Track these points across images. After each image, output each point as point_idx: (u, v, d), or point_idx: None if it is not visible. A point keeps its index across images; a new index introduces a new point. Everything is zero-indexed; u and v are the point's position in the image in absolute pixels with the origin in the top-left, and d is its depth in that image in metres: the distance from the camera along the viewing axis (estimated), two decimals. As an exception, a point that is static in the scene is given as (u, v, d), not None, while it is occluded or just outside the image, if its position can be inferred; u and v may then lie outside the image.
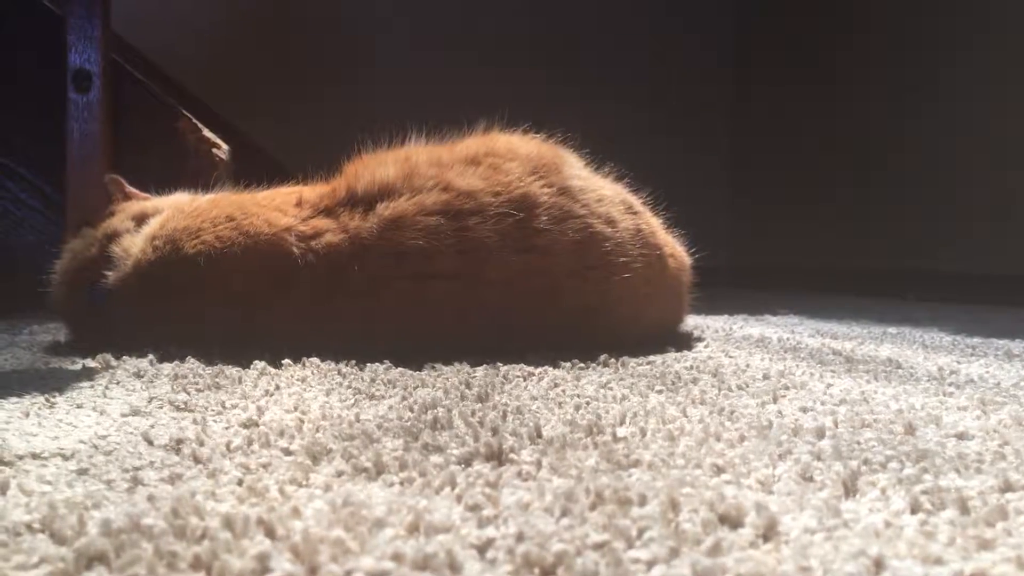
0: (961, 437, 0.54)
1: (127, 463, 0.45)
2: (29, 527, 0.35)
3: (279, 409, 0.61)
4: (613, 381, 0.74)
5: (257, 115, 2.60)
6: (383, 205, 0.89)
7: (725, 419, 0.58)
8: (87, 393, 0.67)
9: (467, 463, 0.46)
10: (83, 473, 0.43)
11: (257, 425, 0.56)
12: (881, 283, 2.48)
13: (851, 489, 0.41)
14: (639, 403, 0.64)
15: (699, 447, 0.49)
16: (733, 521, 0.36)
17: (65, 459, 0.47)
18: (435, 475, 0.43)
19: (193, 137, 1.46)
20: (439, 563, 0.31)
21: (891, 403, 0.65)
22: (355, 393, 0.68)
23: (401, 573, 0.30)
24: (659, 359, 0.90)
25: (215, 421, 0.57)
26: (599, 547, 0.33)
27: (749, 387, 0.72)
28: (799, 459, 0.46)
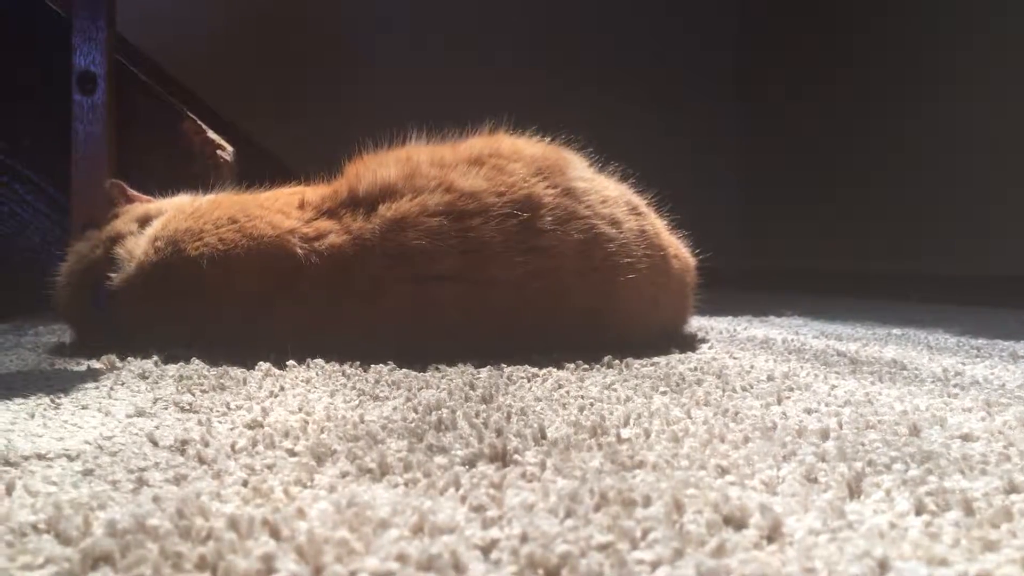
0: (966, 438, 0.53)
1: (132, 464, 0.45)
2: (35, 528, 0.35)
3: (284, 410, 0.61)
4: (617, 382, 0.74)
5: (261, 116, 2.61)
6: (385, 206, 0.89)
7: (729, 420, 0.58)
8: (92, 394, 0.67)
9: (471, 464, 0.46)
10: (88, 474, 0.44)
11: (262, 426, 0.56)
12: (886, 284, 2.47)
13: (855, 490, 0.41)
14: (643, 404, 0.64)
15: (703, 448, 0.49)
16: (737, 522, 0.36)
17: (70, 460, 0.47)
18: (439, 476, 0.43)
19: (197, 139, 1.46)
20: (443, 564, 0.31)
21: (896, 404, 0.65)
22: (359, 394, 0.68)
23: (406, 574, 0.30)
24: (663, 360, 0.90)
25: (220, 422, 0.58)
26: (603, 548, 0.33)
27: (753, 388, 0.72)
28: (803, 460, 0.46)
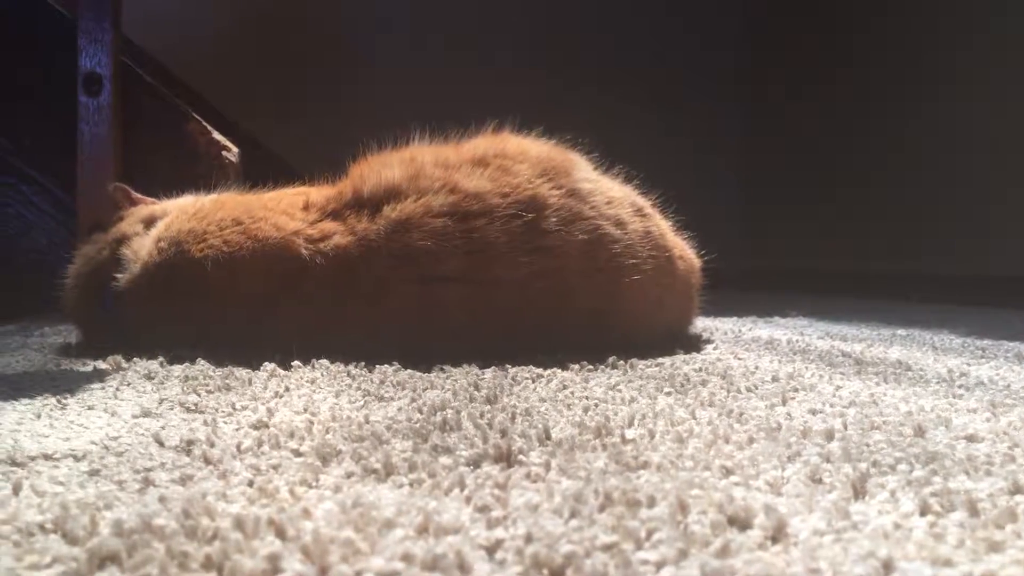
0: (971, 439, 0.53)
1: (138, 464, 0.46)
2: (42, 527, 0.36)
3: (289, 411, 0.61)
4: (622, 383, 0.74)
5: (266, 116, 2.61)
6: (390, 207, 0.89)
7: (734, 421, 0.58)
8: (98, 395, 0.67)
9: (476, 465, 0.46)
10: (95, 474, 0.44)
11: (267, 426, 0.56)
12: (890, 285, 2.47)
13: (860, 491, 0.41)
14: (648, 405, 0.64)
15: (708, 449, 0.49)
16: (742, 523, 0.36)
17: (77, 460, 0.47)
18: (444, 476, 0.43)
19: (203, 139, 1.46)
20: (448, 564, 0.31)
21: (901, 405, 0.65)
22: (364, 395, 0.68)
23: (411, 574, 0.30)
24: (668, 361, 0.90)
25: (225, 423, 0.58)
26: (608, 548, 0.33)
27: (758, 389, 0.72)
28: (808, 461, 0.46)
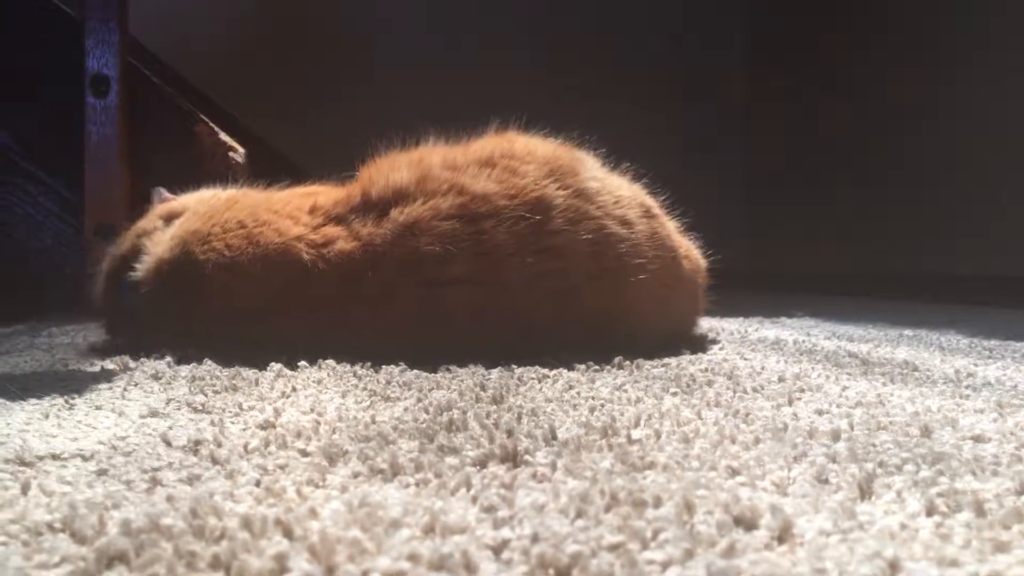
0: (978, 440, 0.53)
1: (146, 464, 0.46)
2: (50, 527, 0.36)
3: (295, 411, 0.61)
4: (628, 383, 0.74)
5: (273, 118, 2.62)
6: (397, 210, 0.88)
7: (740, 421, 0.58)
8: (106, 395, 0.68)
9: (482, 465, 0.46)
10: (103, 474, 0.44)
11: (274, 427, 0.56)
12: (896, 285, 2.47)
13: (866, 491, 0.41)
14: (654, 405, 0.64)
15: (714, 449, 0.49)
16: (748, 523, 0.36)
17: (85, 460, 0.47)
18: (450, 476, 0.43)
19: (210, 140, 1.47)
20: (455, 563, 0.31)
21: (907, 406, 0.65)
22: (371, 395, 0.68)
23: (417, 573, 0.30)
24: (674, 361, 0.90)
25: (232, 423, 0.58)
26: (614, 548, 0.33)
27: (764, 389, 0.72)
28: (814, 461, 0.46)
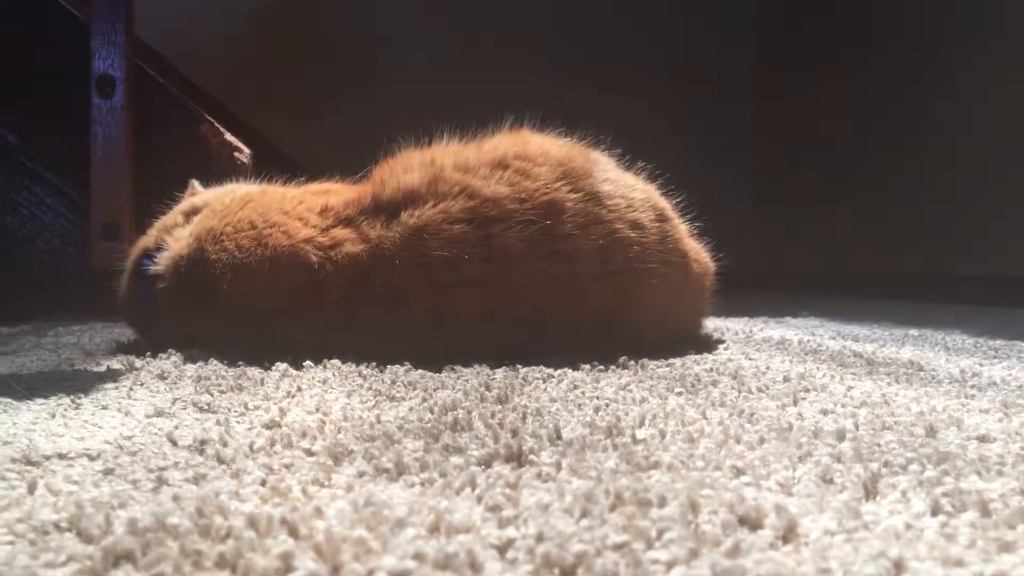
0: (983, 440, 0.53)
1: (152, 463, 0.46)
2: (57, 526, 0.36)
3: (301, 410, 0.62)
4: (633, 383, 0.74)
5: (278, 118, 2.62)
6: (407, 213, 0.88)
7: (745, 421, 0.58)
8: (112, 394, 0.68)
9: (487, 464, 0.46)
10: (109, 473, 0.44)
11: (279, 426, 0.56)
12: (902, 285, 2.46)
13: (871, 491, 0.41)
14: (659, 405, 0.64)
15: (719, 449, 0.49)
16: (753, 523, 0.36)
17: (91, 459, 0.47)
18: (455, 476, 0.43)
19: (215, 141, 1.47)
20: (460, 563, 0.31)
21: (912, 405, 0.65)
22: (376, 395, 0.68)
23: (422, 572, 0.31)
24: (679, 361, 0.90)
25: (238, 422, 0.58)
26: (619, 548, 0.33)
27: (769, 389, 0.72)
28: (819, 461, 0.46)
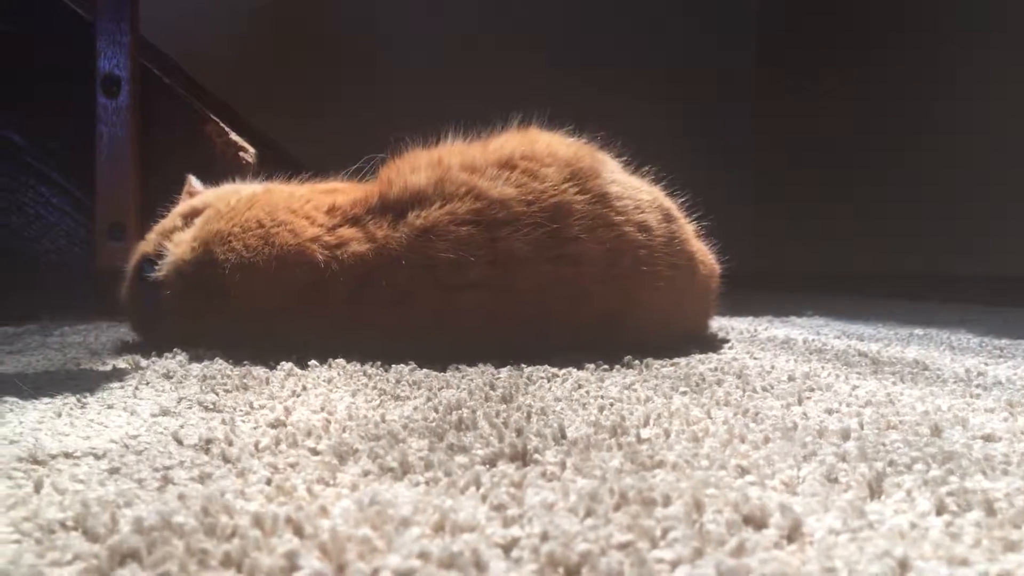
0: (988, 439, 0.53)
1: (157, 462, 0.46)
2: (63, 525, 0.36)
3: (306, 410, 0.62)
4: (637, 383, 0.74)
5: (278, 118, 2.62)
6: (414, 213, 0.88)
7: (750, 421, 0.58)
8: (117, 394, 0.68)
9: (492, 463, 0.46)
10: (115, 472, 0.44)
11: (285, 425, 0.56)
12: (907, 285, 2.46)
13: (876, 490, 0.41)
14: (663, 404, 0.64)
15: (723, 448, 0.49)
16: (757, 522, 0.36)
17: (97, 458, 0.47)
18: (460, 475, 0.43)
19: (220, 141, 1.47)
20: (465, 562, 0.31)
21: (917, 405, 0.65)
22: (380, 394, 0.68)
23: (427, 571, 0.31)
24: (683, 361, 0.90)
25: (243, 421, 0.58)
26: (623, 547, 0.33)
27: (774, 389, 0.72)
28: (824, 461, 0.46)
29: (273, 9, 2.92)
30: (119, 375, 0.77)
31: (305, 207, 0.93)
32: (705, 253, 1.08)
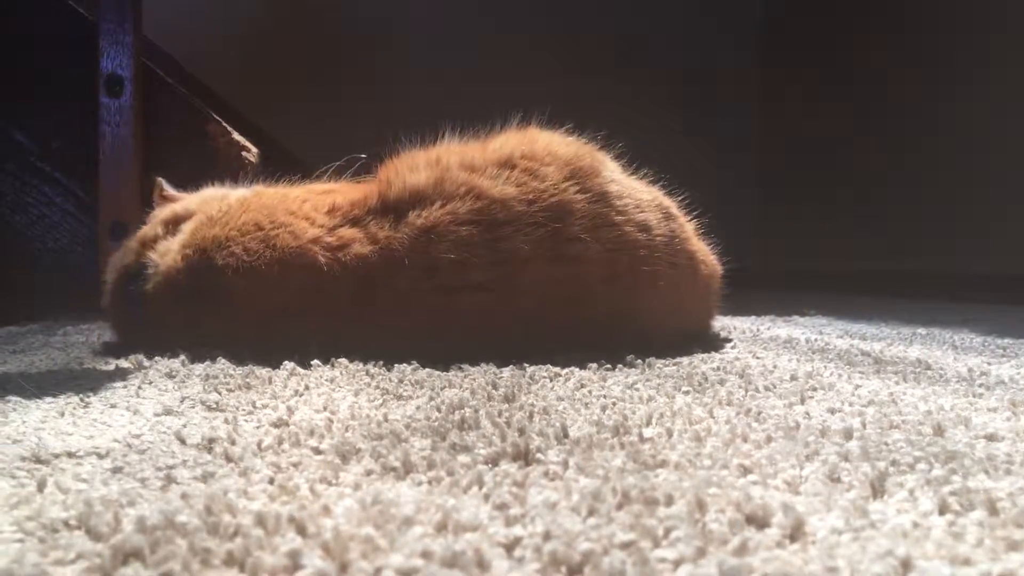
0: (991, 438, 0.53)
1: (160, 461, 0.46)
2: (66, 524, 0.36)
3: (309, 409, 0.62)
4: (640, 382, 0.74)
5: (278, 117, 2.62)
6: (415, 213, 0.87)
7: (752, 420, 0.58)
8: (120, 393, 0.68)
9: (494, 463, 0.46)
10: (118, 471, 0.44)
11: (287, 424, 0.56)
12: (910, 284, 2.45)
13: (879, 490, 0.41)
14: (666, 404, 0.64)
15: (726, 448, 0.49)
16: (760, 521, 0.36)
17: (100, 457, 0.47)
18: (463, 474, 0.43)
19: (223, 140, 1.47)
20: (467, 561, 0.31)
21: (920, 404, 0.65)
22: (383, 393, 0.68)
23: (430, 571, 0.31)
24: (686, 360, 0.90)
25: (246, 421, 0.58)
26: (626, 546, 0.33)
27: (776, 388, 0.72)
28: (826, 460, 0.46)
29: (271, 9, 2.92)
30: (122, 374, 0.77)
31: (303, 207, 0.92)
32: (706, 253, 1.08)
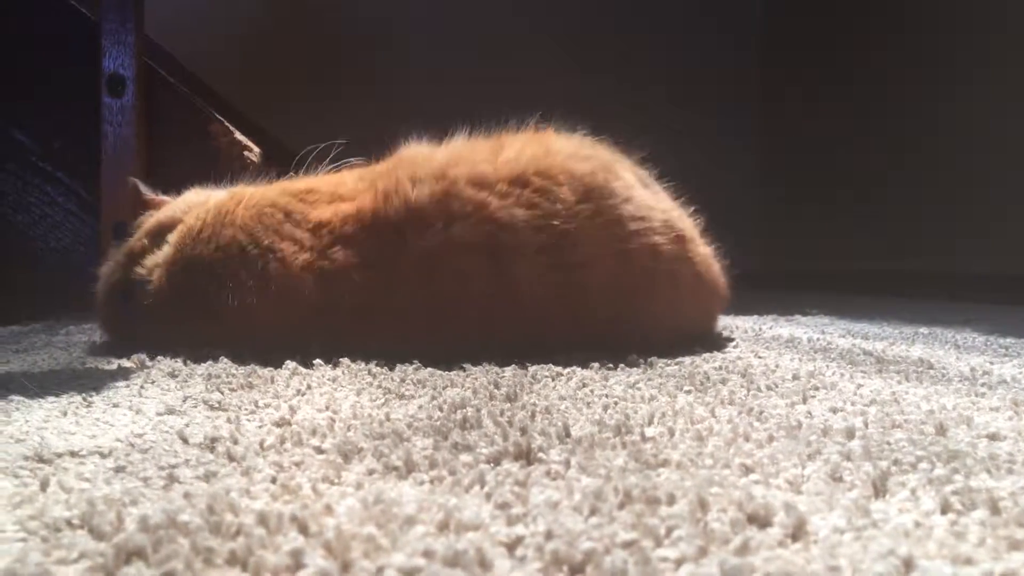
0: (993, 438, 0.53)
1: (163, 461, 0.46)
2: (69, 523, 0.36)
3: (311, 408, 0.62)
4: (641, 381, 0.74)
5: (278, 116, 2.62)
6: (415, 235, 0.85)
7: (754, 419, 0.58)
8: (123, 392, 0.68)
9: (496, 462, 0.46)
10: (120, 471, 0.44)
11: (290, 424, 0.56)
12: (910, 284, 2.45)
13: (881, 489, 0.41)
14: (667, 403, 0.64)
15: (728, 447, 0.49)
16: (762, 521, 0.36)
17: (103, 457, 0.47)
18: (464, 474, 0.43)
19: (225, 140, 1.47)
20: (469, 560, 0.31)
21: (922, 404, 0.65)
22: (385, 393, 0.68)
23: (432, 570, 0.31)
24: (688, 359, 0.90)
25: (248, 420, 0.58)
26: (628, 546, 0.33)
27: (778, 387, 0.72)
28: (828, 459, 0.46)
29: (274, 9, 2.92)
30: (124, 374, 0.77)
31: (284, 227, 0.88)
32: (711, 259, 1.05)
